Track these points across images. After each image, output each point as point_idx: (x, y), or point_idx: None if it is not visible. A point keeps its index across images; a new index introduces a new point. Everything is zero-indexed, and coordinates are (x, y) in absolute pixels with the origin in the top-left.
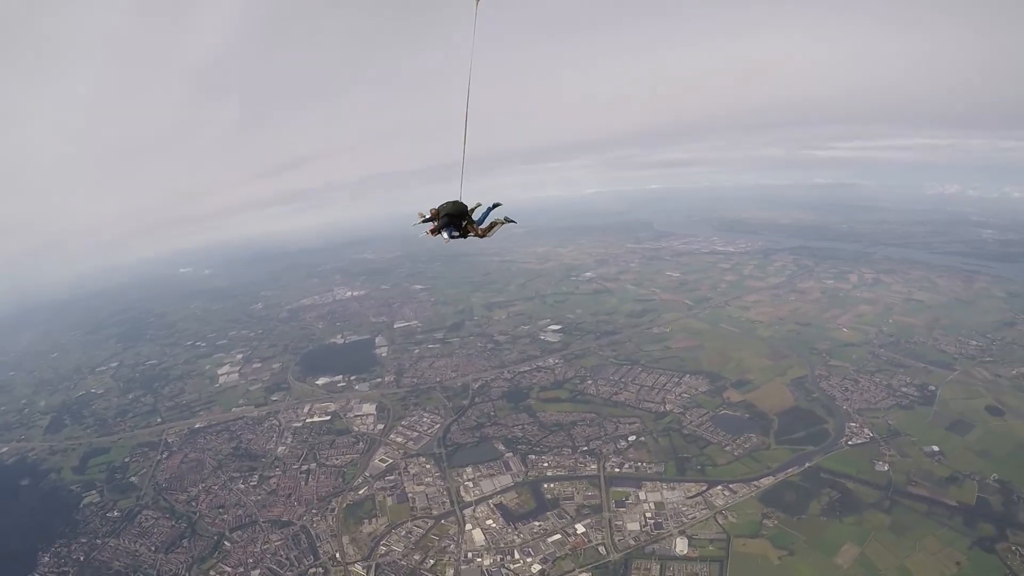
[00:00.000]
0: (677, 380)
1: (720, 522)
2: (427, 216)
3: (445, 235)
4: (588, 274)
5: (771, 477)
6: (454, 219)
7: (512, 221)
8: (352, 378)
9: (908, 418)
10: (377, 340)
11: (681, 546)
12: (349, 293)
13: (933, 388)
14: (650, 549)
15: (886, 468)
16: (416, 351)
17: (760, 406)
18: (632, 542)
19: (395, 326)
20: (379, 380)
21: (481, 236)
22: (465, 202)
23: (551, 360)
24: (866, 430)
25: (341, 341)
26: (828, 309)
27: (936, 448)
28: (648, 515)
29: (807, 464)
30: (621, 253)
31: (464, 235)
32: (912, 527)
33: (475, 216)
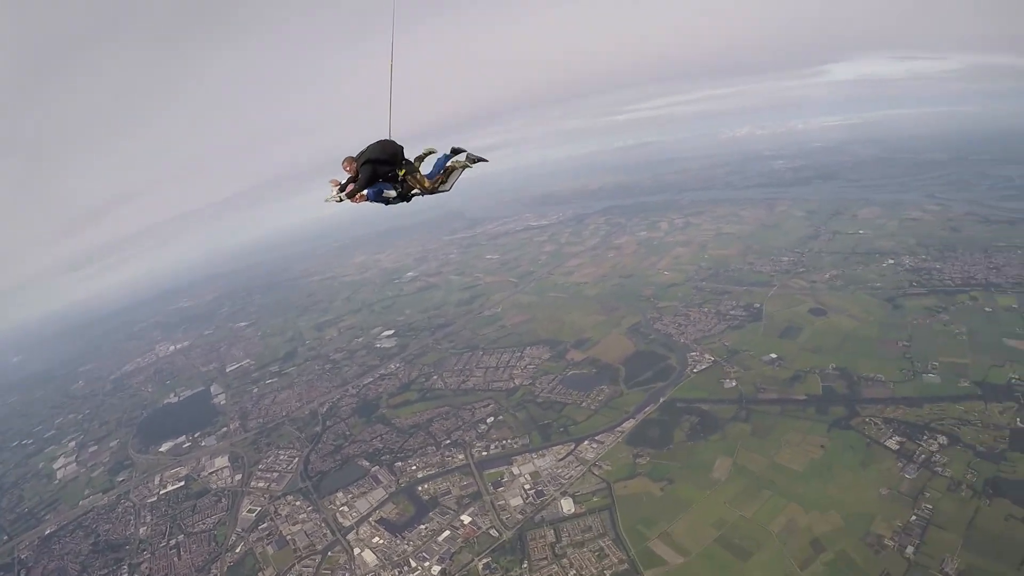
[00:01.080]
0: (519, 354)
1: (596, 473)
2: (343, 182)
3: (371, 197)
4: (410, 274)
5: (631, 420)
6: (383, 167)
7: (481, 159)
8: (196, 435)
9: (742, 336)
10: (212, 389)
11: (567, 506)
12: (172, 347)
13: (758, 305)
14: (539, 518)
15: (734, 384)
16: (255, 390)
17: (604, 359)
18: (520, 516)
19: (228, 370)
20: (224, 430)
21: (431, 190)
22: (400, 144)
23: (392, 365)
24: (707, 356)
25: (175, 400)
26: (647, 258)
27: (774, 355)
28: (527, 487)
29: (661, 399)
30: (439, 247)
31: (406, 195)
32: (772, 428)
33: (423, 168)
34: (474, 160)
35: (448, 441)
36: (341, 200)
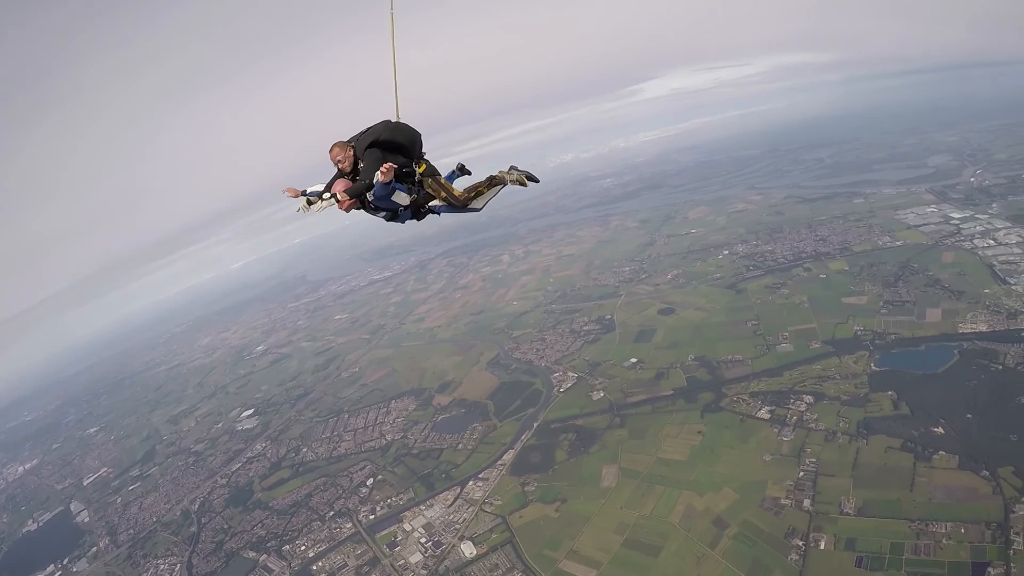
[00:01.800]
0: (386, 410)
1: (489, 511)
2: (322, 186)
3: (376, 199)
4: (260, 348)
5: (511, 451)
6: (395, 158)
7: (533, 178)
8: (65, 562)
9: (600, 348)
10: (73, 507)
11: (468, 550)
12: (21, 468)
13: (609, 317)
14: (443, 568)
15: (602, 394)
16: (119, 500)
17: (471, 397)
18: (424, 572)
19: (85, 483)
20: (94, 550)
21: (462, 204)
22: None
23: (258, 446)
24: (570, 373)
25: (35, 526)
26: (494, 292)
27: (634, 360)
28: (423, 541)
29: (535, 424)
30: (285, 315)
31: (420, 207)
32: (648, 427)
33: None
34: (528, 178)
35: (332, 512)
36: (323, 204)
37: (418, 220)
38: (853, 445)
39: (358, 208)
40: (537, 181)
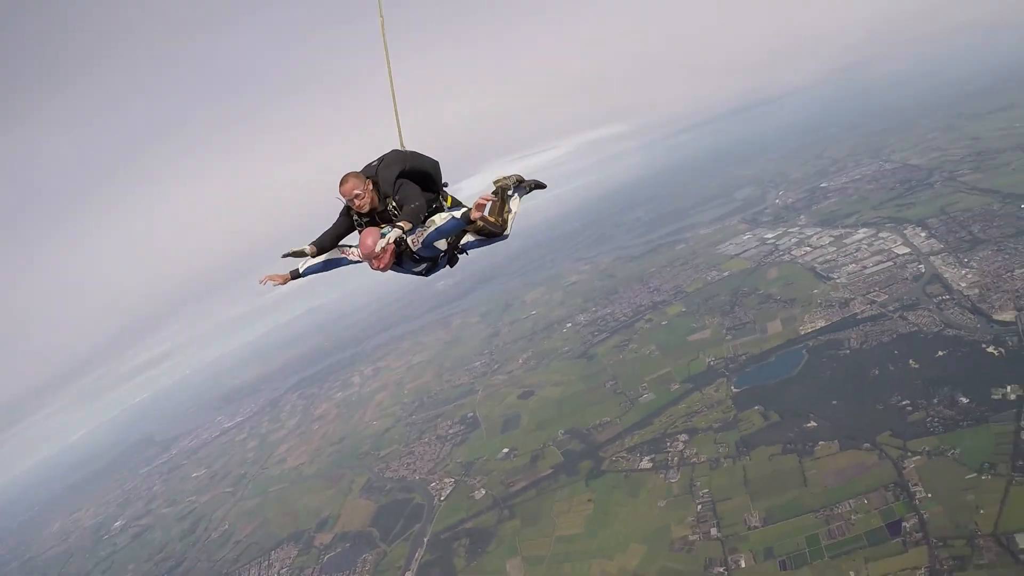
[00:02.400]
0: (267, 563)
1: None
2: (347, 219)
3: (423, 251)
4: (117, 524)
5: (408, 572)
6: (423, 186)
7: (539, 184)
8: None
9: (470, 448)
10: None
11: None
12: None
13: (472, 414)
14: None
15: (484, 492)
16: None
17: (352, 529)
18: None
19: None
20: None
21: (503, 228)
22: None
23: None
24: (447, 480)
25: None
26: (352, 417)
27: (506, 450)
28: None
29: (426, 539)
30: (138, 483)
31: (454, 248)
32: (538, 510)
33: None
34: (533, 184)
35: None
36: (350, 259)
37: (451, 266)
38: (738, 464)
39: (398, 267)
40: (544, 187)
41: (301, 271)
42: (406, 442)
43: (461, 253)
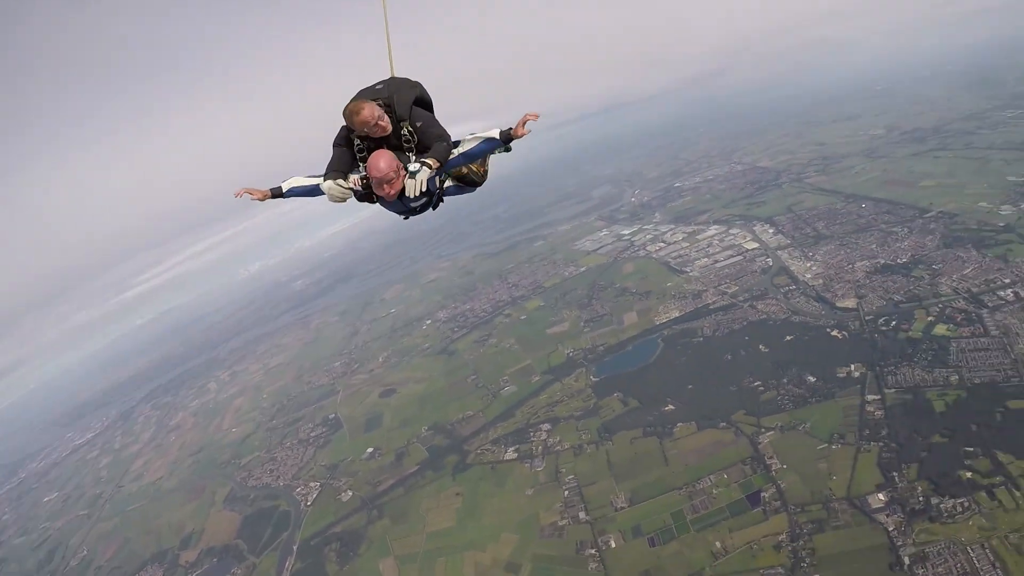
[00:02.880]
0: None
1: None
2: (345, 145)
3: (419, 183)
4: None
5: None
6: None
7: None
8: None
9: (333, 450)
10: None
11: None
12: None
13: (333, 416)
14: None
15: (351, 494)
16: None
17: (218, 543)
18: None
19: None
20: None
21: (483, 175)
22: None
23: None
24: (312, 484)
25: None
26: (209, 425)
27: (371, 449)
28: None
29: (295, 547)
30: None
31: (439, 189)
32: (407, 508)
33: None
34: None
35: None
36: (340, 190)
37: (433, 209)
38: (601, 450)
39: (372, 200)
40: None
41: (285, 190)
42: (268, 448)
43: (441, 198)
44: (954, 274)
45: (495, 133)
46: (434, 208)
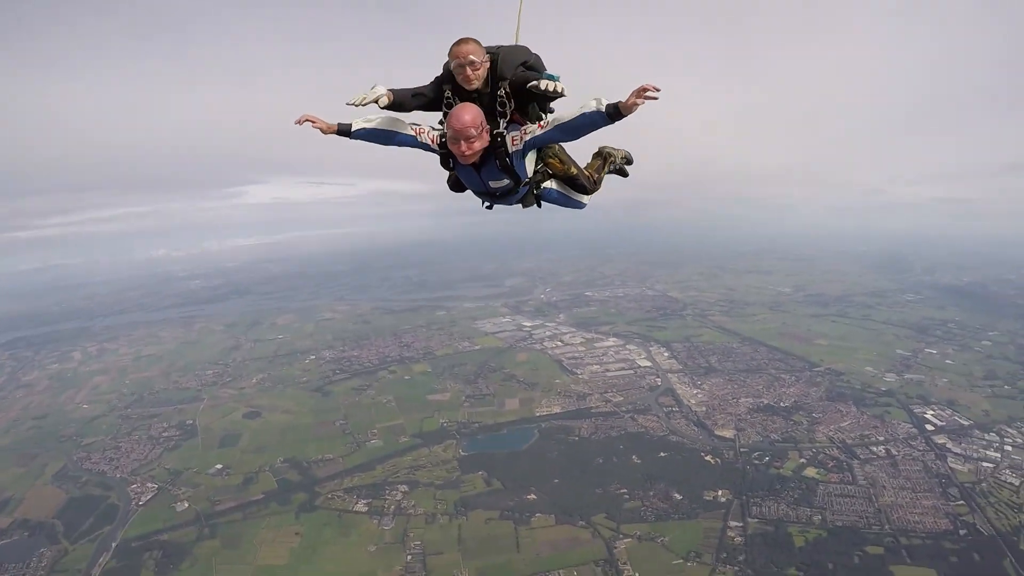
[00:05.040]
0: None
1: None
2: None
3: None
4: None
5: None
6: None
7: (624, 174)
8: None
9: (181, 456)
10: None
11: None
12: None
13: (191, 422)
14: None
15: (187, 505)
16: None
17: (35, 517)
18: None
19: None
20: None
21: (594, 185)
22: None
23: None
24: (149, 484)
25: None
26: (62, 393)
27: (220, 466)
28: None
29: (114, 544)
30: None
31: (538, 184)
32: (242, 534)
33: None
34: (628, 161)
35: None
36: (420, 139)
37: (526, 206)
38: (454, 523)
39: (449, 166)
40: (625, 175)
41: (353, 129)
42: (114, 435)
43: (540, 199)
44: (832, 424)
45: (599, 105)
46: (525, 204)
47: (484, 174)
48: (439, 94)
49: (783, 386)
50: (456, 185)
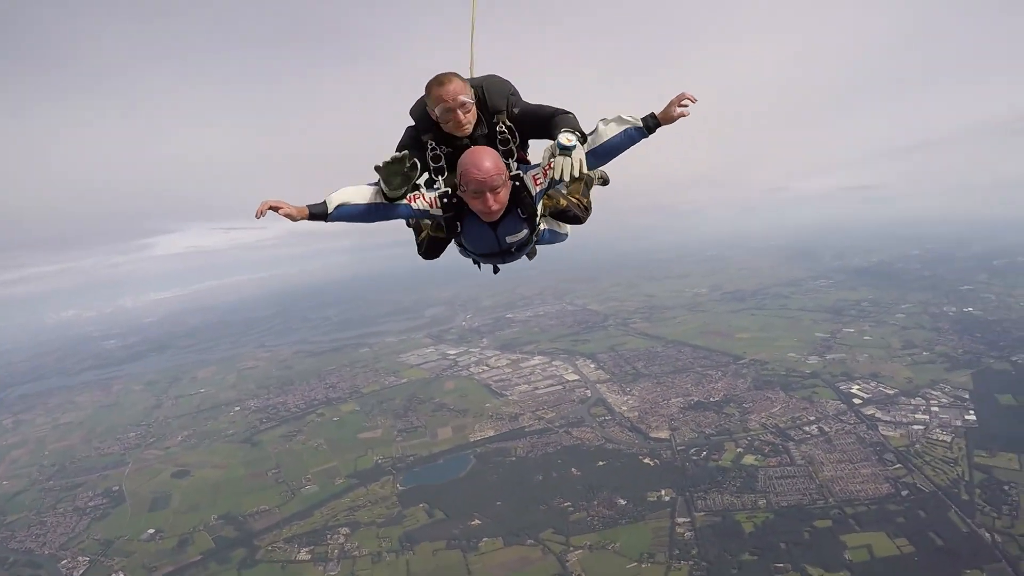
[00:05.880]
0: None
1: None
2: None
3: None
4: None
5: None
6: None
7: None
8: None
9: (111, 524)
10: None
11: None
12: None
13: (117, 488)
14: None
15: (121, 574)
16: None
17: None
18: None
19: None
20: None
21: (586, 211)
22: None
23: None
24: (80, 558)
25: None
26: None
27: (152, 530)
28: None
29: None
30: None
31: (567, 212)
32: None
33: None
34: (603, 182)
35: None
36: (414, 207)
37: (530, 258)
38: (402, 559)
39: (454, 229)
40: (606, 183)
41: (331, 210)
42: (38, 510)
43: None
44: (763, 412)
45: (636, 120)
46: (531, 256)
47: (502, 229)
48: (422, 154)
49: (711, 382)
50: (431, 251)
